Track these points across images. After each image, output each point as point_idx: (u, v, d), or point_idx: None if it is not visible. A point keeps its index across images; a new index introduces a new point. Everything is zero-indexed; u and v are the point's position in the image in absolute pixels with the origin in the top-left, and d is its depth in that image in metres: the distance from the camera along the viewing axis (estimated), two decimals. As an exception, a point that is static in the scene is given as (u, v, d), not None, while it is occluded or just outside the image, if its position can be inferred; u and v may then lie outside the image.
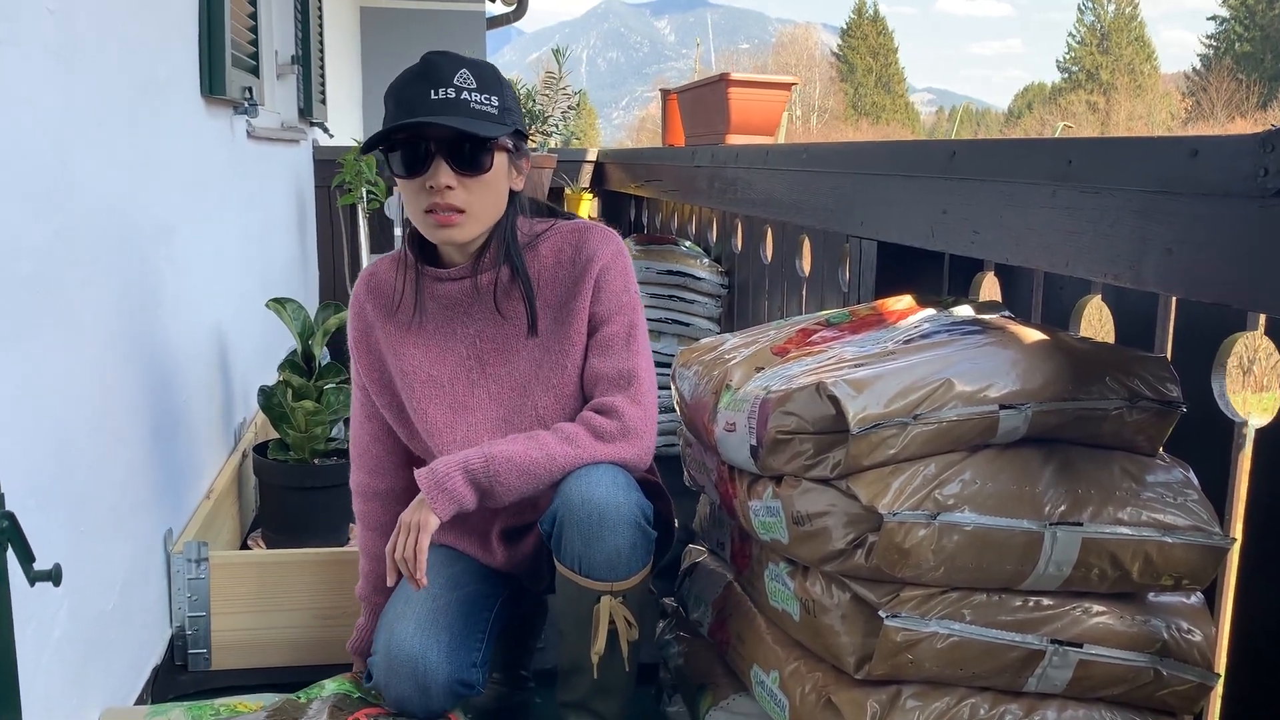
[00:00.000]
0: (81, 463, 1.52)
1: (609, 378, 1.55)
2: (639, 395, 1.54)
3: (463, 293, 1.62)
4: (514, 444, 1.49)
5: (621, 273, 1.61)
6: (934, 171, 1.69)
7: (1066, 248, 1.33)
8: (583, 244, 1.61)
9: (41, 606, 1.36)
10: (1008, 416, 1.20)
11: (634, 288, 1.63)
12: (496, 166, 1.54)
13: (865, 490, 1.17)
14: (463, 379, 1.64)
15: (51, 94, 1.44)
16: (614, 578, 1.45)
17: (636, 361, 1.57)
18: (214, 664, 1.99)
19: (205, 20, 2.39)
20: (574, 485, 1.45)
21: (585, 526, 1.43)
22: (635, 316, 1.60)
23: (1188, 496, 1.22)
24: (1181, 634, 1.23)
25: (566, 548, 1.45)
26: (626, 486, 1.46)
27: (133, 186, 1.83)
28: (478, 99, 1.49)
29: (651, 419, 1.54)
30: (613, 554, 1.44)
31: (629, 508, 1.44)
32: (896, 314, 1.59)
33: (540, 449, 1.48)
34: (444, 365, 1.64)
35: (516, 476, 1.47)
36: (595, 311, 1.59)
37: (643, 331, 1.61)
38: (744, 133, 2.93)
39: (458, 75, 1.49)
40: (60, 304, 1.46)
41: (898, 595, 1.18)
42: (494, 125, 1.50)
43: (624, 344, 1.57)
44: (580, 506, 1.43)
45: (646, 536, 1.47)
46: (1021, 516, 1.17)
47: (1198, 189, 1.10)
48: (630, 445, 1.51)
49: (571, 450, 1.48)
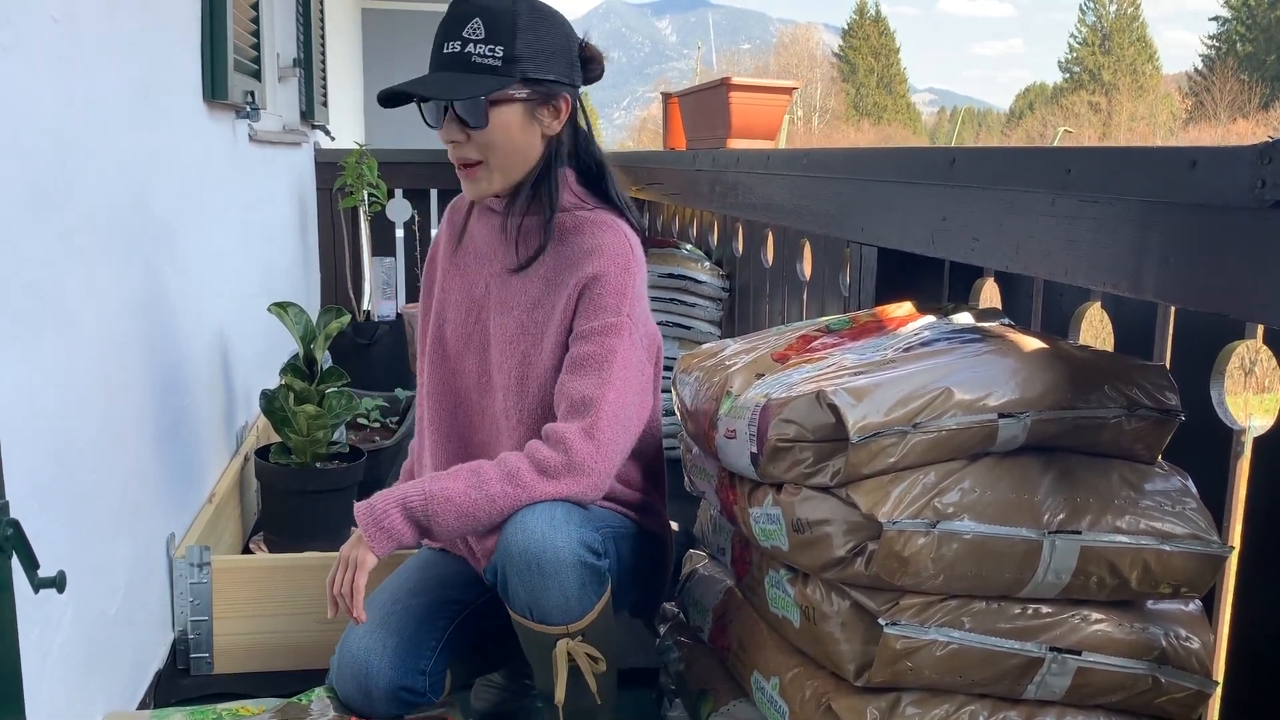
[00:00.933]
0: (84, 466, 1.53)
1: (571, 400, 1.49)
2: (595, 428, 1.46)
3: (494, 230, 1.65)
4: (457, 482, 1.45)
5: (617, 289, 1.53)
6: (934, 178, 1.69)
7: (1066, 256, 1.34)
8: (593, 241, 1.56)
9: (46, 611, 1.36)
10: (1007, 425, 1.20)
11: (632, 309, 1.54)
12: (503, 119, 1.53)
13: (865, 498, 1.17)
14: (473, 313, 1.67)
15: (54, 100, 1.45)
16: (568, 620, 1.43)
17: (604, 391, 1.48)
18: (216, 668, 2.00)
19: (208, 25, 2.40)
20: (511, 533, 1.42)
21: (527, 576, 1.40)
22: (618, 342, 1.51)
23: (1186, 505, 1.23)
24: (1180, 641, 1.24)
25: (514, 597, 1.43)
26: (565, 523, 1.42)
27: (135, 191, 1.84)
28: (480, 51, 1.50)
29: (606, 455, 1.46)
30: (560, 600, 1.41)
31: (569, 549, 1.40)
32: (897, 321, 1.60)
33: (481, 490, 1.44)
34: (466, 294, 1.69)
35: (455, 518, 1.44)
36: (579, 323, 1.53)
37: (624, 359, 1.51)
38: (745, 137, 2.94)
39: (469, 26, 1.50)
40: (63, 307, 1.46)
41: (897, 603, 1.19)
42: (486, 79, 1.49)
43: (598, 368, 1.49)
44: (519, 556, 1.40)
45: (595, 572, 1.43)
46: (1020, 525, 1.17)
47: (1196, 199, 1.11)
48: (576, 482, 1.45)
49: (513, 490, 1.44)
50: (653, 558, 1.71)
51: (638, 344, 1.56)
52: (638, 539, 1.64)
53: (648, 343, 1.62)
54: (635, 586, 1.66)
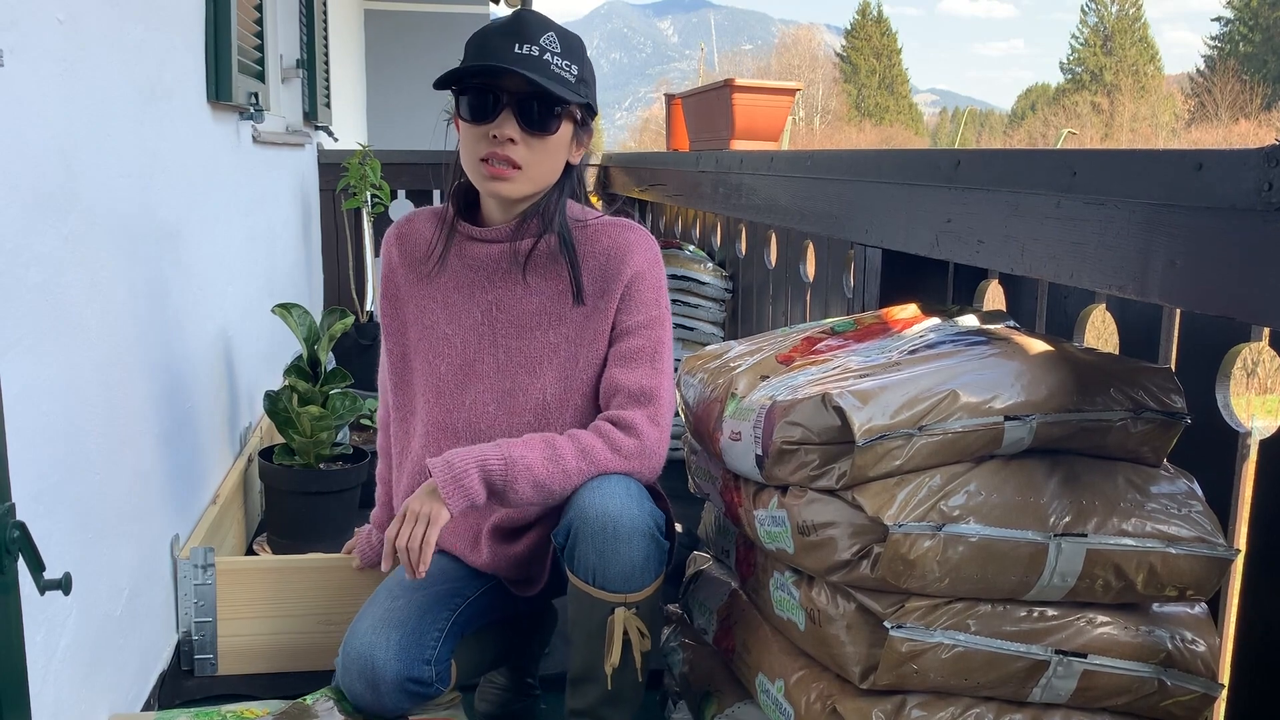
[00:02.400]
0: (89, 468, 1.53)
1: (630, 392, 1.55)
2: (659, 416, 1.55)
3: (493, 257, 1.63)
4: (533, 451, 1.48)
5: (654, 284, 1.61)
6: (939, 180, 1.69)
7: (1071, 259, 1.34)
8: (621, 243, 1.61)
9: (51, 613, 1.36)
10: (1013, 428, 1.20)
11: (665, 300, 1.62)
12: (562, 132, 1.56)
13: (870, 501, 1.17)
14: (472, 343, 1.65)
15: (58, 102, 1.45)
16: (628, 590, 1.45)
17: (660, 380, 1.57)
18: (220, 669, 2.00)
19: (212, 26, 2.40)
20: (588, 498, 1.46)
21: (600, 539, 1.43)
22: (663, 333, 1.60)
23: (1192, 508, 1.23)
24: (1185, 644, 1.24)
25: (580, 560, 1.46)
26: (640, 498, 1.47)
27: (139, 192, 1.84)
28: (559, 63, 1.52)
29: (666, 442, 1.55)
30: (627, 567, 1.44)
31: (643, 519, 1.45)
32: (902, 323, 1.60)
33: (558, 464, 1.47)
34: (457, 326, 1.66)
35: (531, 487, 1.47)
36: (623, 319, 1.59)
37: (668, 349, 1.61)
38: (748, 138, 2.94)
39: (544, 36, 1.52)
40: (67, 310, 1.46)
41: (903, 606, 1.19)
42: (569, 90, 1.52)
43: (649, 360, 1.58)
44: (595, 519, 1.43)
45: (660, 548, 1.47)
46: (1026, 528, 1.17)
47: (1202, 202, 1.10)
48: (644, 464, 1.53)
49: (588, 468, 1.49)
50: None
51: (671, 335, 1.64)
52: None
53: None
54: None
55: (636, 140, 63.49)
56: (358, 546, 1.97)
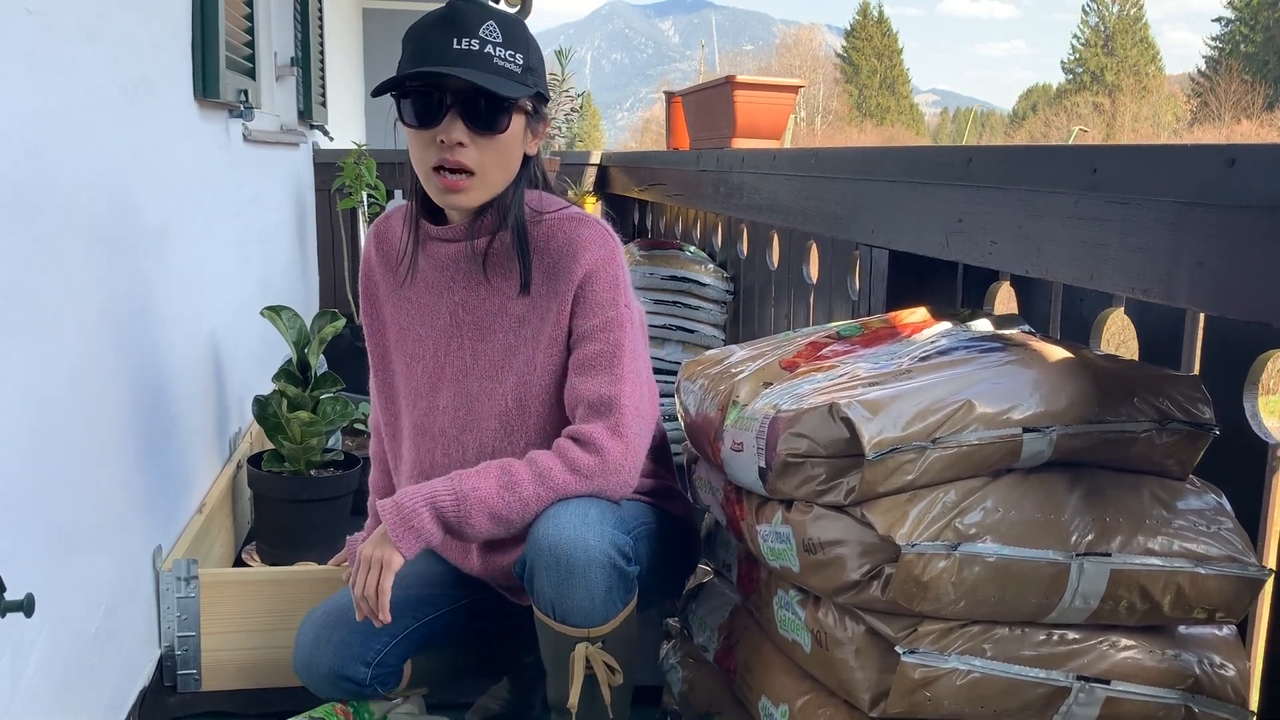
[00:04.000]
0: (62, 479, 1.46)
1: (589, 403, 1.45)
2: (621, 426, 1.43)
3: (455, 256, 1.56)
4: (487, 481, 1.40)
5: (610, 282, 1.49)
6: (949, 179, 1.63)
7: (1091, 260, 1.27)
8: (574, 240, 1.50)
9: (16, 636, 1.29)
10: (1032, 440, 1.13)
11: (624, 298, 1.51)
12: (513, 128, 1.47)
13: (882, 519, 1.11)
14: (442, 345, 1.59)
15: (28, 97, 1.38)
16: (590, 624, 1.37)
17: (619, 387, 1.45)
18: (204, 685, 1.93)
19: (199, 21, 2.33)
20: (542, 528, 1.37)
21: (553, 572, 1.35)
22: (622, 335, 1.48)
23: (1221, 525, 1.16)
24: (1214, 669, 1.17)
25: (539, 594, 1.38)
26: (599, 522, 1.37)
27: (121, 192, 1.77)
28: (502, 54, 1.42)
29: (633, 451, 1.44)
30: (585, 601, 1.36)
31: (601, 550, 1.35)
32: (911, 327, 1.53)
33: (514, 492, 1.39)
34: (429, 328, 1.60)
35: (487, 519, 1.39)
36: (578, 323, 1.49)
37: (630, 350, 1.49)
38: (750, 136, 2.87)
39: (484, 27, 1.42)
40: (40, 313, 1.40)
41: (916, 630, 1.12)
42: (515, 84, 1.43)
43: (607, 365, 1.46)
44: (548, 552, 1.35)
45: (623, 576, 1.38)
46: (1047, 547, 1.11)
47: (1235, 200, 1.04)
48: (607, 481, 1.42)
49: (546, 493, 1.40)
50: (682, 544, 1.66)
51: (638, 332, 1.53)
52: (665, 527, 1.60)
53: (642, 326, 1.60)
54: (666, 576, 1.64)
55: (638, 141, 63.46)
56: (349, 557, 1.90)
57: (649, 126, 61.97)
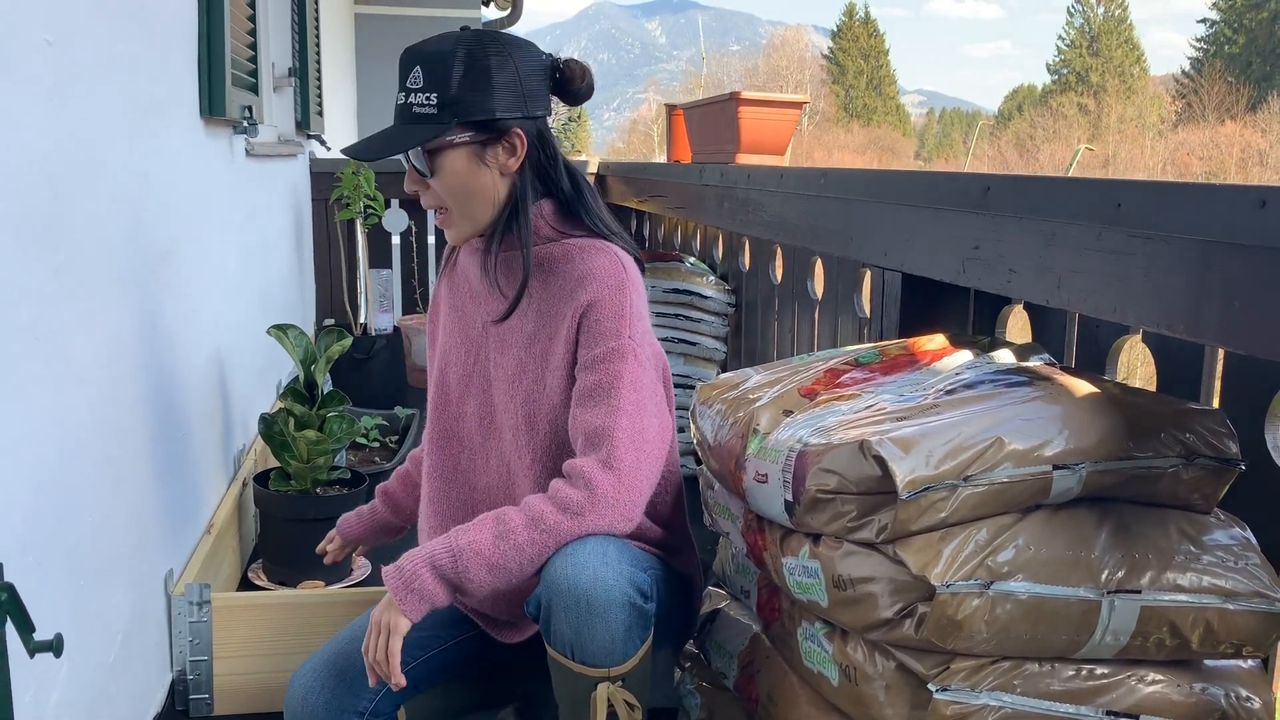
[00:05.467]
0: (82, 512, 1.46)
1: (585, 434, 1.44)
2: (612, 459, 1.40)
3: (478, 274, 1.62)
4: (482, 533, 1.39)
5: (615, 312, 1.48)
6: (965, 205, 1.63)
7: (1114, 294, 1.28)
8: (582, 267, 1.51)
9: (41, 669, 1.29)
10: (1062, 477, 1.14)
11: (630, 329, 1.48)
12: (450, 165, 1.51)
13: (915, 558, 1.11)
14: (473, 353, 1.63)
15: (48, 128, 1.37)
16: (610, 663, 1.36)
17: (615, 419, 1.42)
18: (217, 709, 1.92)
19: (205, 39, 2.32)
20: (559, 567, 1.36)
21: (573, 613, 1.34)
22: (622, 366, 1.46)
23: (1248, 560, 1.17)
24: (1240, 701, 1.18)
25: (556, 634, 1.37)
26: (617, 562, 1.36)
27: (131, 217, 1.76)
28: (419, 100, 1.49)
29: (629, 483, 1.40)
30: (606, 641, 1.34)
31: (620, 589, 1.34)
32: (930, 354, 1.54)
33: (509, 540, 1.38)
34: (464, 337, 1.65)
35: (485, 572, 1.38)
36: (581, 353, 1.49)
37: (630, 380, 1.46)
38: (754, 152, 2.87)
39: (410, 76, 1.50)
40: (58, 347, 1.39)
41: (948, 667, 1.12)
42: (422, 129, 1.48)
43: (604, 396, 1.44)
44: (567, 592, 1.34)
45: (642, 614, 1.38)
46: (1078, 584, 1.11)
47: (1265, 241, 1.05)
48: (601, 516, 1.39)
49: (540, 537, 1.38)
50: (684, 601, 1.64)
51: (644, 365, 1.50)
52: (669, 581, 1.58)
53: (655, 362, 1.57)
54: (668, 630, 1.60)
55: (625, 141, 63.41)
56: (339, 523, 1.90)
57: (636, 127, 61.96)
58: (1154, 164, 42.11)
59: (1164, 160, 42.31)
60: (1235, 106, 45.51)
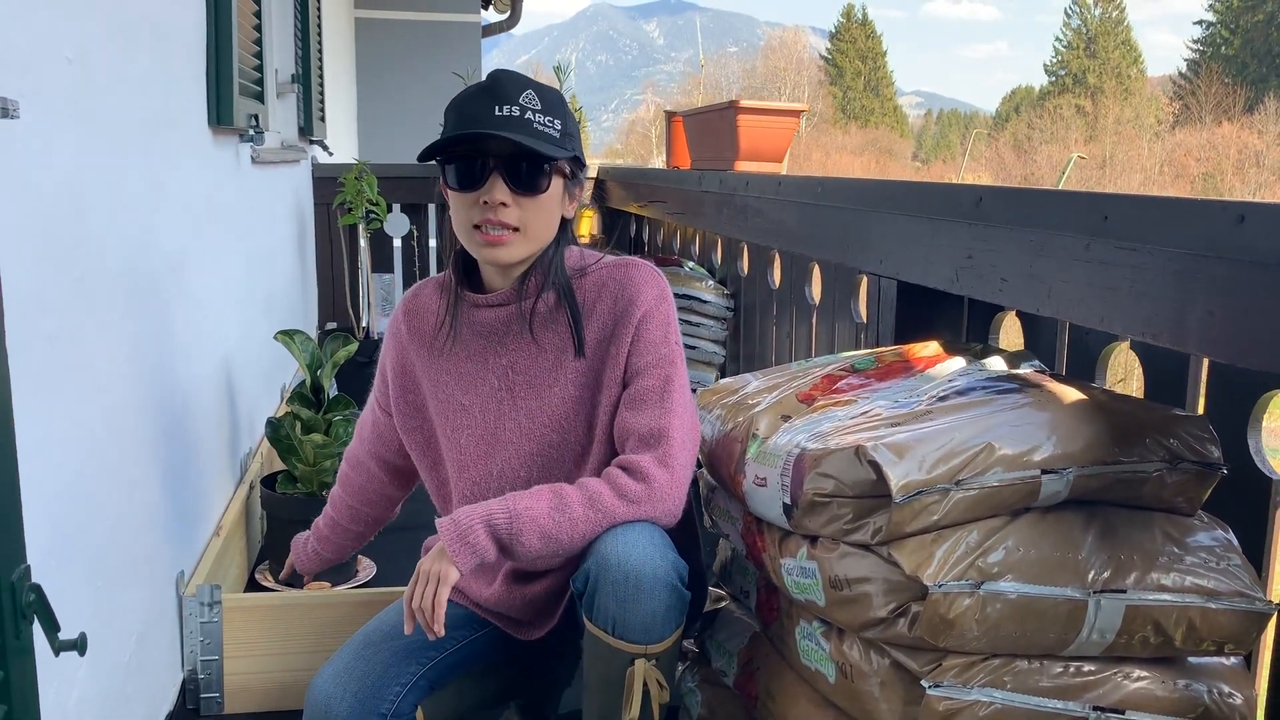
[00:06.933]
0: (101, 516, 1.50)
1: (639, 435, 1.51)
2: (668, 457, 1.49)
3: (501, 320, 1.61)
4: (539, 502, 1.45)
5: (662, 321, 1.57)
6: (958, 215, 1.68)
7: (1101, 303, 1.32)
8: (626, 284, 1.58)
9: (63, 669, 1.33)
10: (1050, 481, 1.18)
11: (674, 336, 1.58)
12: (552, 189, 1.53)
13: (908, 559, 1.15)
14: (493, 410, 1.63)
15: (71, 144, 1.42)
16: (648, 641, 1.42)
17: (669, 420, 1.51)
18: (227, 708, 1.96)
19: (213, 50, 2.37)
20: (610, 545, 1.42)
21: (621, 589, 1.40)
22: (672, 370, 1.55)
23: (1230, 560, 1.21)
24: (1223, 697, 1.22)
25: (600, 609, 1.43)
26: (663, 546, 1.43)
27: (144, 227, 1.81)
28: (541, 120, 1.49)
29: (680, 482, 1.49)
30: (648, 618, 1.41)
31: (666, 570, 1.41)
32: (925, 361, 1.58)
33: (564, 513, 1.44)
34: (474, 395, 1.63)
35: (538, 538, 1.44)
36: (633, 361, 1.55)
37: (680, 385, 1.56)
38: (753, 159, 2.92)
39: (523, 95, 1.49)
40: (80, 356, 1.43)
41: (940, 664, 1.17)
42: (555, 147, 1.50)
43: (658, 399, 1.53)
44: (617, 568, 1.40)
45: (681, 598, 1.44)
46: (1065, 584, 1.16)
47: (1244, 255, 1.09)
48: (654, 509, 1.47)
49: (595, 515, 1.45)
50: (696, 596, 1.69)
51: (684, 369, 1.59)
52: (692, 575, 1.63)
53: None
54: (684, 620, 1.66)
55: (623, 142, 63.46)
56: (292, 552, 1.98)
57: (634, 129, 61.98)
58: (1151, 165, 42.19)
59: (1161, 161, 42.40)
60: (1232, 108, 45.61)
